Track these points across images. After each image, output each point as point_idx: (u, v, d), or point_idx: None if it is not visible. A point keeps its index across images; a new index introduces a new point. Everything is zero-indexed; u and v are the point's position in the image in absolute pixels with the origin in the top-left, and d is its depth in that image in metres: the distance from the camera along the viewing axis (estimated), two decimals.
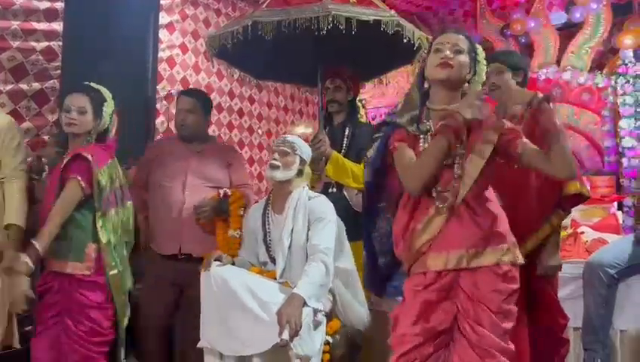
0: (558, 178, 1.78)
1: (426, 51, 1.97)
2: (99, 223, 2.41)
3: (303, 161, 2.48)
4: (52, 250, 2.34)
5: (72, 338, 2.34)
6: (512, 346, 1.68)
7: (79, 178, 2.35)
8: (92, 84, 2.59)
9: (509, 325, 1.68)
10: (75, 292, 2.36)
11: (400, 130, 1.86)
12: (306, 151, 2.51)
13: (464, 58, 1.78)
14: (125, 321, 2.54)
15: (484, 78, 1.89)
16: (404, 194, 1.85)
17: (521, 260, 1.76)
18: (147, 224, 2.83)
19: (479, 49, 1.89)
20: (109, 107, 2.55)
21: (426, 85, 1.86)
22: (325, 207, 2.42)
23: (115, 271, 2.42)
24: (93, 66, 3.05)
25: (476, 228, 1.71)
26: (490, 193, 1.81)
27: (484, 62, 1.88)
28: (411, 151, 1.81)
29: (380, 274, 2.05)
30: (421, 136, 1.82)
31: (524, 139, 1.74)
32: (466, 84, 1.82)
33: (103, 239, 2.40)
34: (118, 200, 2.49)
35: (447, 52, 1.77)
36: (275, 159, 2.43)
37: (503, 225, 1.76)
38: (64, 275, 2.37)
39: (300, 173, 2.47)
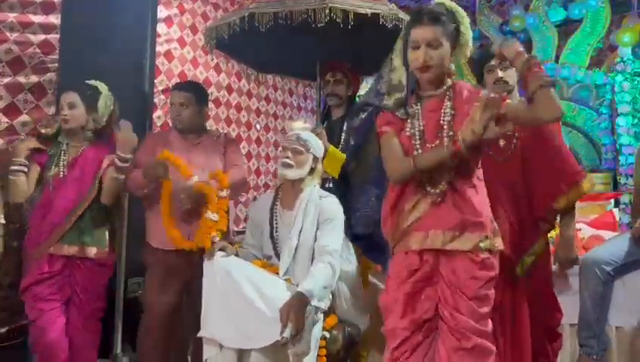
0: (545, 121, 1.80)
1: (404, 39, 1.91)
2: (115, 208, 2.73)
3: (315, 159, 2.45)
4: (70, 237, 2.55)
5: (85, 317, 2.57)
6: (488, 328, 1.77)
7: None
8: (88, 82, 2.72)
9: (486, 309, 1.77)
10: (92, 273, 2.59)
11: (386, 113, 1.94)
12: (319, 148, 2.46)
13: (443, 50, 1.80)
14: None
15: (468, 47, 1.87)
16: None
17: (499, 246, 1.83)
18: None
19: (460, 15, 1.85)
20: (104, 100, 2.71)
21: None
22: (335, 207, 2.40)
23: (119, 251, 2.73)
24: (90, 60, 3.04)
25: (457, 212, 1.78)
26: (478, 179, 1.86)
27: (469, 26, 1.87)
28: (396, 140, 1.88)
29: (379, 245, 2.12)
30: (408, 120, 1.88)
31: (507, 101, 1.77)
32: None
33: (119, 222, 2.73)
34: None
35: (423, 54, 1.79)
36: (287, 157, 2.38)
37: (487, 212, 1.82)
38: (78, 259, 2.57)
39: (311, 170, 2.45)
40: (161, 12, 4.32)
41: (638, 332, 2.70)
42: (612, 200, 4.56)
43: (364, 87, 6.39)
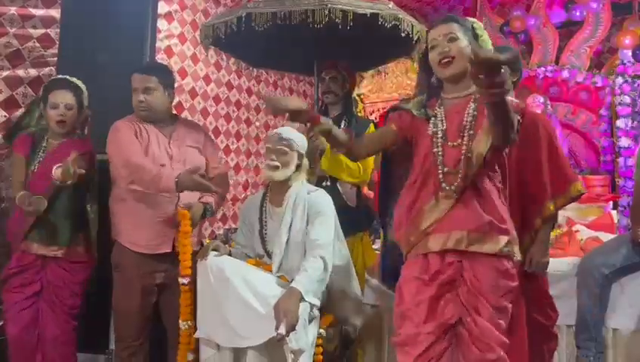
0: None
1: (425, 44, 1.94)
2: (93, 209, 2.66)
3: (300, 156, 2.45)
4: (38, 235, 2.53)
5: (56, 313, 2.56)
6: (507, 341, 1.71)
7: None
8: (69, 78, 2.69)
9: (503, 321, 1.71)
10: (62, 270, 2.57)
11: (400, 113, 1.93)
12: (302, 144, 2.45)
13: (461, 44, 1.76)
14: None
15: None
16: (411, 175, 1.87)
17: (518, 256, 1.78)
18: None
19: (477, 25, 1.86)
20: (86, 100, 2.70)
21: (433, 78, 1.88)
22: (324, 201, 2.40)
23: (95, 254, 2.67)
24: (90, 54, 3.03)
25: (481, 213, 1.71)
26: (498, 184, 1.80)
27: (486, 36, 1.86)
28: (381, 130, 1.99)
29: (396, 267, 1.96)
30: (429, 120, 1.84)
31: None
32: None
33: (95, 226, 2.65)
34: None
35: (443, 46, 1.77)
36: (272, 160, 2.37)
37: (509, 217, 1.77)
38: (49, 257, 2.55)
39: (297, 167, 2.44)
40: (162, 8, 4.32)
41: (635, 335, 2.70)
42: (610, 203, 4.57)
43: (366, 85, 6.41)
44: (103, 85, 2.84)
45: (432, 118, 1.83)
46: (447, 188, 1.74)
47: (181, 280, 2.38)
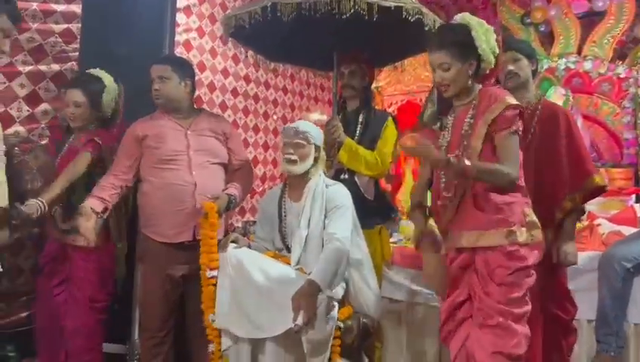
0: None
1: None
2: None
3: (317, 148, 2.46)
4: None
5: (78, 305, 2.60)
6: (518, 310, 1.87)
7: (90, 151, 2.60)
8: (92, 72, 2.77)
9: (516, 294, 1.88)
10: (82, 260, 2.62)
11: (423, 132, 2.16)
12: (319, 136, 2.47)
13: (454, 70, 1.97)
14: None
15: (493, 57, 2.00)
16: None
17: (536, 239, 1.93)
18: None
19: (475, 29, 1.97)
20: (108, 94, 2.74)
21: None
22: (343, 194, 2.41)
23: (120, 244, 2.71)
24: (110, 49, 3.06)
25: (481, 213, 1.94)
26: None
27: (485, 37, 1.97)
28: (422, 174, 2.22)
29: None
30: (442, 130, 2.09)
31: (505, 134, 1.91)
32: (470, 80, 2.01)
33: (115, 214, 2.66)
34: None
35: (437, 76, 2.01)
36: (290, 153, 2.39)
37: (512, 209, 1.93)
38: (71, 246, 2.61)
39: (315, 160, 2.45)
40: (180, 2, 4.32)
41: None
42: (633, 196, 4.49)
43: (384, 78, 6.35)
44: (123, 79, 2.88)
45: (444, 129, 2.07)
46: (448, 195, 2.00)
47: (210, 273, 2.35)
